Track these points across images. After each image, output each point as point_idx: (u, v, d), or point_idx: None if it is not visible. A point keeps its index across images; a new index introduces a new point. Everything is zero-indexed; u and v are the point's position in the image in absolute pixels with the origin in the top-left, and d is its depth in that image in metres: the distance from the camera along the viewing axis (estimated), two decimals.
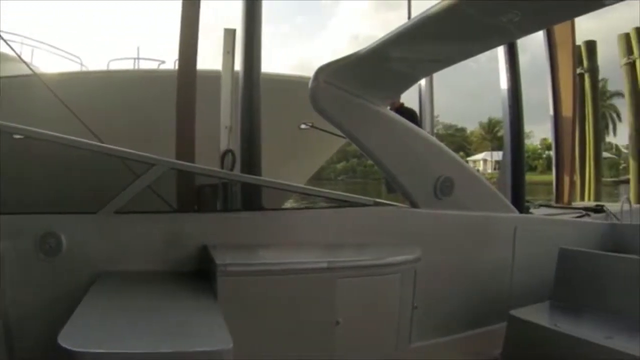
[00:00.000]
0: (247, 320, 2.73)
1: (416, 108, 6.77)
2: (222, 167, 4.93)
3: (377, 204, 3.71)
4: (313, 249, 3.32)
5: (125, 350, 1.87)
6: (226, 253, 2.95)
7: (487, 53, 4.14)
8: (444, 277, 3.75)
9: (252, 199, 3.71)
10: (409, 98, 6.75)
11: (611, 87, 51.49)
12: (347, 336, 3.03)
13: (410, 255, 3.36)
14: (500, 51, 5.49)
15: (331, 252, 3.33)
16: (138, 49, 10.93)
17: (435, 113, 7.34)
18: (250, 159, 4.48)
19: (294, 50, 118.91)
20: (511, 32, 3.20)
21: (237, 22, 4.77)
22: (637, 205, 7.78)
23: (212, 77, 5.33)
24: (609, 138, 61.77)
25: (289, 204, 4.35)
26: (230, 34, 5.31)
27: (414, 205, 3.84)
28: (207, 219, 3.35)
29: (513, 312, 3.47)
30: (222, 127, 5.22)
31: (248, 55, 4.59)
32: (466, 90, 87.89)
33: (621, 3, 2.66)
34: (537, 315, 3.46)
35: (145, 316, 2.30)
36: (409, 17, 6.20)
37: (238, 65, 4.75)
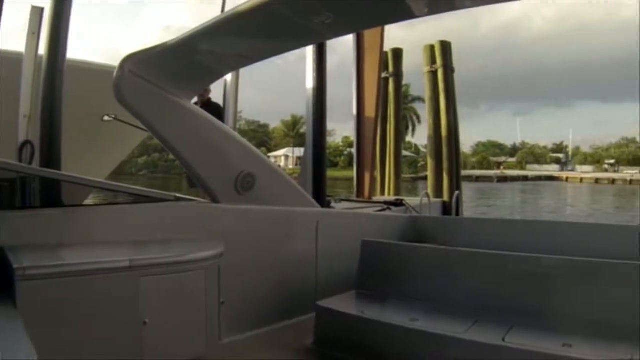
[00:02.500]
0: (50, 327, 2.59)
1: (221, 102, 6.84)
2: (20, 160, 4.63)
3: (178, 199, 3.71)
4: (115, 247, 3.22)
5: None
6: (25, 255, 2.75)
7: (297, 51, 4.32)
8: (249, 272, 3.85)
9: (51, 194, 3.55)
10: (213, 92, 6.90)
11: (413, 92, 57.62)
12: (156, 336, 3.00)
13: (213, 250, 3.41)
14: (310, 50, 5.81)
15: (133, 249, 3.26)
16: None
17: (240, 108, 7.54)
18: (50, 151, 4.21)
19: (104, 37, 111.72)
20: (322, 33, 3.39)
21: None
22: (435, 200, 8.89)
23: (14, 60, 4.96)
24: (409, 138, 69.30)
25: (90, 200, 4.21)
26: (37, 12, 4.94)
27: (215, 200, 3.88)
28: (4, 217, 3.06)
29: (320, 302, 3.69)
30: (20, 115, 4.90)
31: (54, 39, 4.33)
32: (272, 87, 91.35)
33: (430, 17, 3.02)
34: (344, 304, 3.73)
35: None
36: (223, 11, 6.32)
37: (42, 49, 4.50)
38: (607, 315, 3.11)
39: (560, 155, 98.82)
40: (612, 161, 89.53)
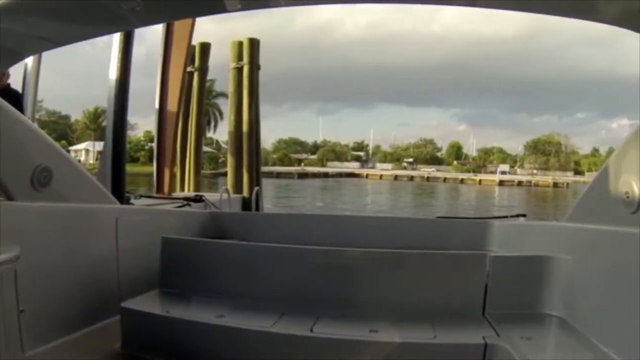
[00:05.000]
0: None
1: (20, 89, 6.48)
2: None
3: None
4: None
5: None
6: None
7: (106, 38, 4.41)
8: (49, 275, 3.62)
9: None
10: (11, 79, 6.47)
11: (217, 88, 58.69)
12: None
13: (8, 253, 3.13)
14: (116, 38, 5.76)
15: None
16: None
17: (40, 97, 7.20)
18: None
19: None
20: (130, 21, 3.28)
21: None
22: (235, 195, 9.16)
23: None
24: (211, 134, 70.70)
25: None
26: None
27: (9, 197, 3.63)
28: None
29: (124, 303, 3.63)
30: None
31: None
32: (78, 75, 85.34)
33: (242, 13, 3.13)
34: (148, 304, 3.73)
35: None
36: None
37: None
38: (409, 301, 3.49)
39: (361, 153, 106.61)
40: (411, 160, 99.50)
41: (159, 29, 8.12)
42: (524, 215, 5.63)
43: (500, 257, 3.82)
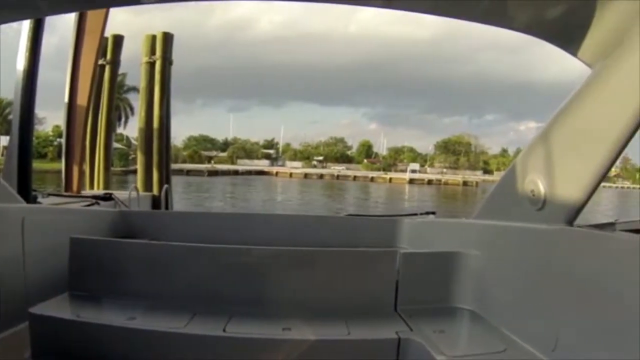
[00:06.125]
0: None
1: None
2: None
3: None
4: None
5: None
6: None
7: (16, 25, 4.15)
8: None
9: None
10: None
11: (129, 82, 57.32)
12: None
13: None
14: (26, 26, 5.50)
15: None
16: None
17: None
18: None
19: None
20: (40, 8, 3.20)
21: None
22: (144, 193, 9.18)
23: None
24: (122, 130, 69.00)
25: None
26: None
27: None
28: None
29: (32, 309, 3.42)
30: None
31: None
32: None
33: (158, 7, 3.25)
34: (58, 308, 3.53)
35: None
36: None
37: None
38: (321, 299, 3.58)
39: (271, 151, 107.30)
40: (321, 158, 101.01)
41: (71, 18, 7.84)
42: (433, 213, 5.79)
43: (410, 253, 3.94)
